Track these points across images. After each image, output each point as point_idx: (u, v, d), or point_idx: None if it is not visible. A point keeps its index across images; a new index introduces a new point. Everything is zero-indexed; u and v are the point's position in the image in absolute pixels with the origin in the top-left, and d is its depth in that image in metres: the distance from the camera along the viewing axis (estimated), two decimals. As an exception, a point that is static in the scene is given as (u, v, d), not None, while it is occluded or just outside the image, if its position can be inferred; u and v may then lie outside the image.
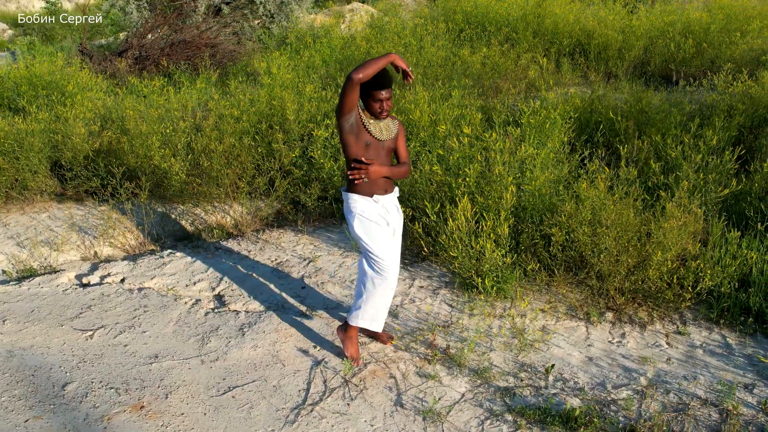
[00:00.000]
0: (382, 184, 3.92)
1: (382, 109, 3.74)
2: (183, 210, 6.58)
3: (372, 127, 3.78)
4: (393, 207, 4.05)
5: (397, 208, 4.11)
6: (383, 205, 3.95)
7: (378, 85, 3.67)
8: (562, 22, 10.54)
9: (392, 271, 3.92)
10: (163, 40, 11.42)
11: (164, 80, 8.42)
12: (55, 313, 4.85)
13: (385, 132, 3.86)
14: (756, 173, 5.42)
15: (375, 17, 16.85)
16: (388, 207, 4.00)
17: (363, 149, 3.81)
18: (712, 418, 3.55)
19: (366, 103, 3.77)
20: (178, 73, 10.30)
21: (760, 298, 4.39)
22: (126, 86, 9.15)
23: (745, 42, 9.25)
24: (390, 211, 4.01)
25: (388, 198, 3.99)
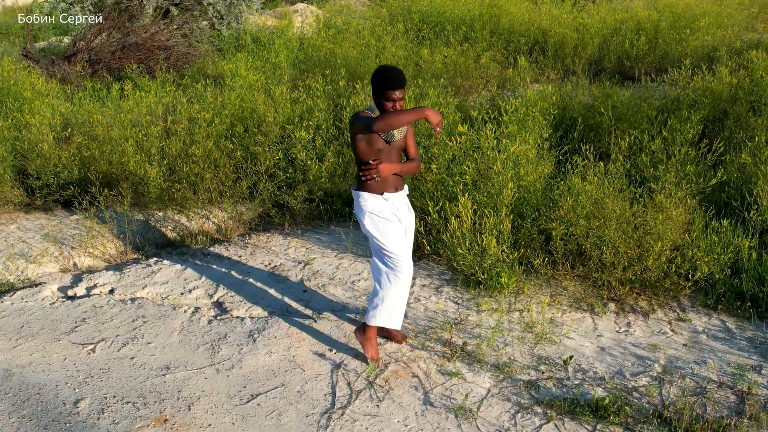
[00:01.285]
0: (392, 182, 3.95)
1: (395, 109, 3.72)
2: (162, 217, 6.41)
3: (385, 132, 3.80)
4: (404, 205, 4.08)
5: (408, 206, 4.14)
6: (393, 202, 3.97)
7: (392, 84, 3.67)
8: (518, 21, 10.75)
9: (406, 267, 3.93)
10: (114, 43, 11.08)
11: (129, 84, 8.16)
12: (48, 328, 4.66)
13: (397, 133, 3.87)
14: (732, 163, 5.66)
15: (321, 18, 16.82)
16: (399, 205, 4.02)
17: (375, 154, 3.86)
18: (730, 399, 3.70)
19: (379, 101, 3.77)
20: (133, 76, 10.01)
21: (753, 283, 4.59)
22: (82, 91, 8.82)
23: (695, 39, 9.64)
24: (400, 208, 4.03)
25: (398, 196, 4.01)
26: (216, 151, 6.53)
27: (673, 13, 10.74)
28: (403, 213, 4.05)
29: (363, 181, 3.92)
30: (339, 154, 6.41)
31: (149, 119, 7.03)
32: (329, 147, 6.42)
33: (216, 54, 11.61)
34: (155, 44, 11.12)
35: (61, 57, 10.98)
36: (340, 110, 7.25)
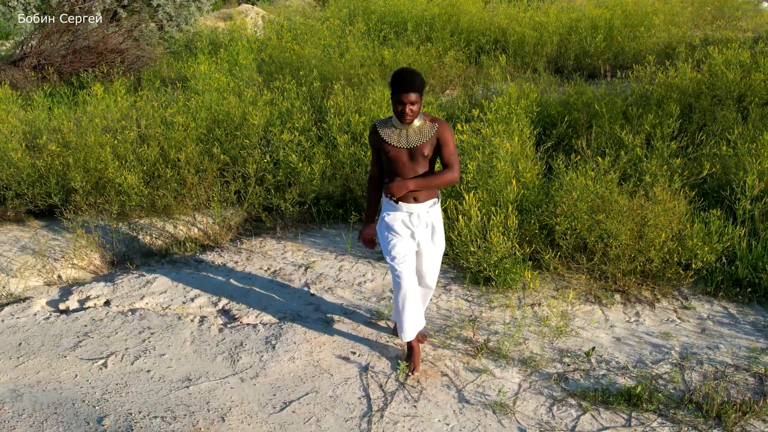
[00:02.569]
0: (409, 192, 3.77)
1: (404, 113, 3.56)
2: (145, 225, 6.21)
3: (392, 138, 3.66)
4: (422, 221, 3.82)
5: (430, 223, 3.85)
6: (408, 212, 3.79)
7: (401, 88, 3.51)
8: (478, 21, 10.90)
9: (403, 282, 3.82)
10: (64, 47, 10.66)
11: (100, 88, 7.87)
12: (49, 344, 4.46)
13: (412, 138, 3.64)
14: (713, 156, 5.89)
15: (266, 19, 16.65)
16: (415, 218, 3.80)
17: (387, 162, 3.75)
18: (749, 382, 3.86)
19: (392, 103, 3.62)
20: (88, 80, 9.67)
21: (749, 270, 4.80)
22: (41, 97, 8.45)
23: (650, 36, 9.99)
24: (416, 224, 3.81)
25: (417, 207, 3.78)
26: (197, 155, 6.38)
27: (624, 11, 11.10)
28: (420, 229, 3.83)
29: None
30: (328, 155, 6.36)
31: (123, 124, 6.81)
32: (314, 148, 6.36)
33: (171, 57, 11.32)
34: (108, 47, 10.76)
35: (7, 62, 10.49)
36: (323, 112, 7.20)
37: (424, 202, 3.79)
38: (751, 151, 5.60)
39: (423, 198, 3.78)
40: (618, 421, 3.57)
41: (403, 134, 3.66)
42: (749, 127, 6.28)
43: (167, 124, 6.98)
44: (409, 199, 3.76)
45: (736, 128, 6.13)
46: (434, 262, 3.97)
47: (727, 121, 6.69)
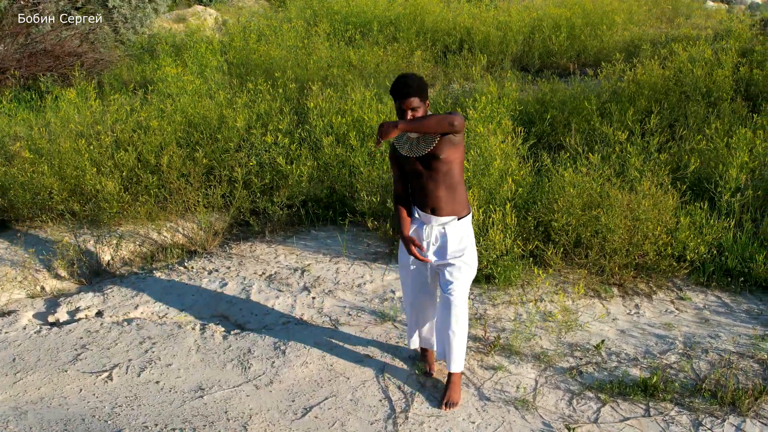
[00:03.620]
0: (422, 198, 3.60)
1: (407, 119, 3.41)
2: (128, 232, 6.03)
3: (404, 149, 3.53)
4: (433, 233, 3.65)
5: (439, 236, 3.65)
6: (421, 222, 3.67)
7: (398, 95, 3.41)
8: (442, 21, 10.96)
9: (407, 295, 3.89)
10: (19, 51, 10.28)
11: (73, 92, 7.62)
12: (46, 359, 4.30)
13: (422, 144, 3.47)
14: (692, 151, 6.07)
15: (219, 20, 16.41)
16: (427, 229, 3.65)
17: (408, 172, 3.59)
18: (755, 368, 3.99)
19: (396, 112, 3.50)
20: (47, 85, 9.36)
21: (738, 261, 4.96)
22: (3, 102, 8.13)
23: (613, 34, 10.23)
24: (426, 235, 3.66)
25: (432, 219, 3.60)
26: (179, 159, 6.24)
27: (583, 9, 11.33)
28: (430, 242, 3.66)
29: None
30: (315, 158, 6.31)
31: (99, 129, 6.61)
32: (300, 150, 6.30)
33: (131, 60, 11.04)
34: (65, 51, 10.43)
35: (-43, 66, 10.05)
36: (302, 114, 7.14)
37: (442, 216, 3.59)
38: (731, 145, 5.79)
39: (443, 212, 3.58)
40: (637, 411, 3.65)
41: (414, 142, 3.50)
42: (725, 122, 6.49)
43: (143, 129, 6.81)
44: (426, 210, 3.60)
45: (712, 123, 6.32)
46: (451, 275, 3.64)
47: (698, 117, 6.91)
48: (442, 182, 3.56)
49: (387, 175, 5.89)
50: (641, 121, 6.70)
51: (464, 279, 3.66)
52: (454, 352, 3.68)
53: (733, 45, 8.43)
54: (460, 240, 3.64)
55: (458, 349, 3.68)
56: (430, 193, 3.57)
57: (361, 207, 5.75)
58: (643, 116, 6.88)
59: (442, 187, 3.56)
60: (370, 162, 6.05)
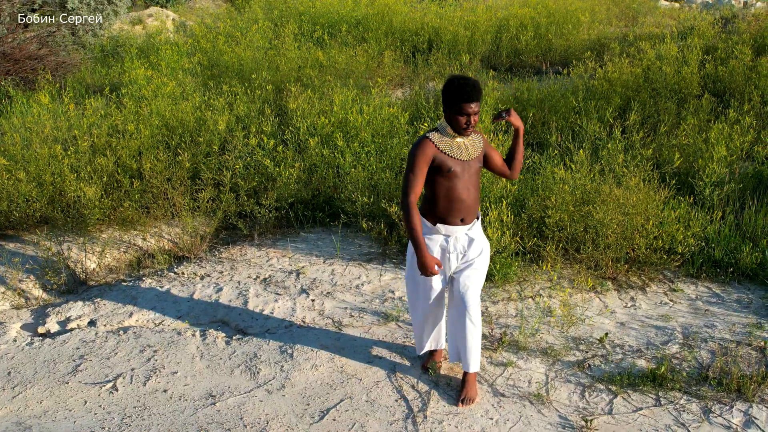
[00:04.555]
0: (457, 209, 3.52)
1: (468, 125, 3.38)
2: (110, 238, 5.89)
3: (455, 151, 3.45)
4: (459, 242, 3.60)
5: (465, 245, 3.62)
6: (446, 235, 3.57)
7: (466, 96, 3.30)
8: (410, 21, 11.01)
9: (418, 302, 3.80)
10: (-25, 54, 9.93)
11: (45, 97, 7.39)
12: (44, 371, 4.17)
13: (471, 149, 3.50)
14: (671, 146, 6.24)
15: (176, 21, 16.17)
16: (452, 240, 3.58)
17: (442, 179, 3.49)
18: (753, 356, 4.12)
19: (450, 116, 3.41)
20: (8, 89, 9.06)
21: (725, 252, 5.11)
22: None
23: (579, 33, 10.42)
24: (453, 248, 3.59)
25: (458, 230, 3.55)
26: (161, 164, 6.12)
27: (547, 8, 11.52)
28: (456, 254, 3.61)
29: (426, 207, 3.62)
30: (303, 159, 6.27)
31: (76, 133, 6.43)
32: (287, 152, 6.25)
33: (93, 63, 10.78)
34: (24, 54, 10.12)
35: None
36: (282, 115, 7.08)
37: (470, 223, 3.58)
38: (709, 140, 5.96)
39: (470, 219, 3.57)
40: (648, 401, 3.73)
41: (462, 146, 3.47)
42: (701, 117, 6.68)
43: (120, 133, 6.66)
44: (456, 221, 3.54)
45: (689, 119, 6.50)
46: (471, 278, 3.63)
47: (671, 113, 7.10)
48: (475, 191, 3.58)
49: (377, 176, 5.89)
50: (616, 119, 6.84)
51: (480, 280, 3.69)
52: (471, 353, 3.70)
53: (697, 43, 8.69)
54: (481, 238, 3.68)
55: (475, 349, 3.70)
56: (464, 201, 3.52)
57: (352, 208, 5.73)
58: (617, 113, 7.03)
59: (474, 193, 3.57)
60: (356, 163, 6.04)
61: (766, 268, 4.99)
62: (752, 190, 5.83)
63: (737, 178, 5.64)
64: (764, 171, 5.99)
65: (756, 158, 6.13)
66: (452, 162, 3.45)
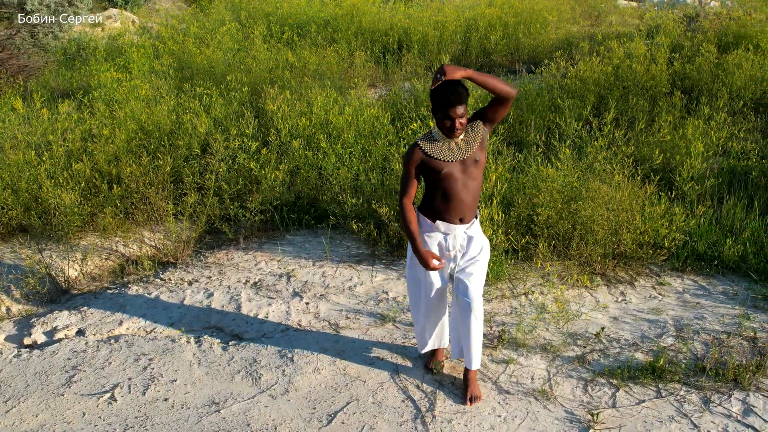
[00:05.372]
0: (453, 207, 3.53)
1: (454, 129, 3.37)
2: (91, 245, 5.76)
3: (444, 153, 3.46)
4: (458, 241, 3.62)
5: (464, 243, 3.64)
6: (445, 233, 3.59)
7: (450, 102, 3.29)
8: (380, 21, 11.02)
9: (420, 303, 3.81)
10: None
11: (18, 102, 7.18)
12: (36, 384, 4.05)
13: (463, 147, 3.48)
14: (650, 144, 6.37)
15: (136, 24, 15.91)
16: (451, 239, 3.60)
17: (436, 182, 3.51)
18: (744, 346, 4.23)
19: (438, 121, 3.41)
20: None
21: (707, 246, 5.24)
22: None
23: (546, 33, 10.56)
24: (452, 246, 3.61)
25: (457, 228, 3.57)
26: (138, 168, 6.01)
27: (513, 8, 11.65)
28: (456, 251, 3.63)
29: (425, 205, 3.62)
30: (289, 162, 6.22)
31: (52, 138, 6.27)
32: (270, 154, 6.20)
33: (57, 66, 10.52)
34: (-16, 57, 9.84)
35: None
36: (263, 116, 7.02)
37: (468, 222, 3.59)
38: (686, 136, 6.11)
39: (468, 218, 3.58)
40: (649, 393, 3.80)
41: (453, 146, 3.47)
42: (675, 114, 6.83)
43: (95, 138, 6.52)
44: (455, 220, 3.55)
45: (664, 116, 6.65)
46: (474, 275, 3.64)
47: (644, 110, 7.25)
48: (473, 187, 3.56)
49: (363, 177, 5.88)
50: (594, 117, 6.95)
51: (482, 277, 3.71)
52: (474, 351, 3.72)
53: (665, 41, 8.88)
54: (481, 236, 3.70)
55: (478, 347, 3.72)
56: (462, 201, 3.53)
57: (340, 210, 5.71)
58: (592, 112, 7.15)
59: (473, 194, 3.57)
60: (340, 164, 6.02)
61: (747, 261, 5.12)
62: (728, 184, 5.99)
63: (717, 173, 5.78)
64: (738, 166, 6.16)
65: (731, 153, 6.30)
66: (443, 164, 3.46)
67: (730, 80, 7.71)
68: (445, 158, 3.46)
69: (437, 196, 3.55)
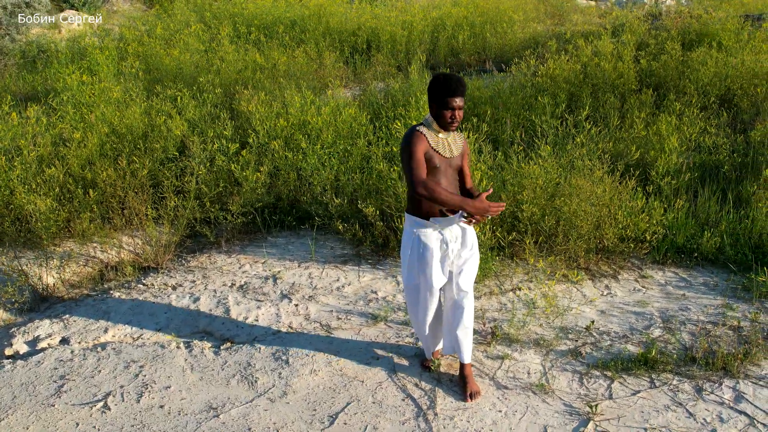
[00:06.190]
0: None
1: (453, 119, 3.44)
2: (67, 252, 5.63)
3: (440, 147, 3.51)
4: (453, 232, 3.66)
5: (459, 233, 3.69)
6: (441, 227, 3.62)
7: (452, 90, 3.37)
8: (348, 22, 11.00)
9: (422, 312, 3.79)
10: None
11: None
12: (24, 395, 3.94)
13: (453, 147, 3.57)
14: (623, 140, 6.49)
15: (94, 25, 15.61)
16: (447, 232, 3.63)
17: (431, 172, 3.51)
18: (729, 335, 4.34)
19: (436, 111, 3.46)
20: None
21: (686, 239, 5.37)
22: None
23: (513, 32, 10.68)
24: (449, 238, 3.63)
25: (456, 217, 3.58)
26: (115, 171, 5.89)
27: (477, 7, 11.75)
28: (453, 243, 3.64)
29: (413, 205, 3.62)
30: (262, 163, 6.16)
31: (22, 143, 6.10)
32: (250, 156, 6.14)
33: (16, 69, 10.25)
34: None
35: None
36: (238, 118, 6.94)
37: (455, 215, 3.58)
38: (660, 132, 6.24)
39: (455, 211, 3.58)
40: (643, 384, 3.87)
41: (446, 143, 3.54)
42: (646, 111, 6.97)
43: (66, 142, 6.37)
44: (445, 212, 3.57)
45: (637, 112, 6.78)
46: (467, 271, 3.72)
47: (615, 107, 7.39)
48: (455, 185, 3.66)
49: (344, 177, 5.86)
50: (569, 114, 7.06)
51: (474, 274, 3.77)
52: (466, 345, 3.77)
53: (630, 39, 9.06)
54: (470, 230, 3.75)
55: (470, 341, 3.79)
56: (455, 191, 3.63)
57: (324, 211, 5.69)
58: (565, 109, 7.25)
59: (454, 189, 3.64)
60: (319, 165, 5.99)
61: (725, 252, 5.25)
62: (700, 178, 6.14)
63: (692, 168, 5.92)
64: (709, 160, 6.31)
65: (703, 148, 6.45)
66: (438, 158, 3.50)
67: (696, 77, 7.90)
68: (440, 152, 3.52)
69: None
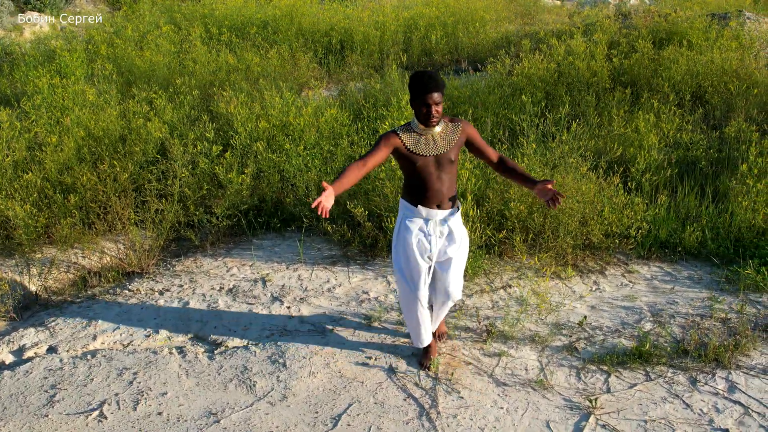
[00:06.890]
0: (433, 195, 3.64)
1: (430, 115, 3.46)
2: (48, 258, 5.51)
3: (420, 147, 3.56)
4: (437, 228, 3.71)
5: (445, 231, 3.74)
6: (426, 218, 3.68)
7: (427, 88, 3.40)
8: (320, 22, 10.96)
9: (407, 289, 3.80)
10: None
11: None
12: (16, 406, 3.84)
13: (439, 144, 3.58)
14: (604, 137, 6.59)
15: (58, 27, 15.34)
16: (432, 224, 3.69)
17: (413, 174, 3.62)
18: (717, 327, 4.43)
19: (416, 107, 3.50)
20: None
21: (669, 234, 5.47)
22: None
23: (485, 32, 10.76)
24: (432, 231, 3.69)
25: (436, 214, 3.67)
26: (95, 176, 5.78)
27: (449, 7, 11.81)
28: (435, 237, 3.70)
29: (405, 191, 3.73)
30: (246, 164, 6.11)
31: (-2, 148, 5.96)
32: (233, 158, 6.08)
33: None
34: None
35: None
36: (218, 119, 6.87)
37: (446, 209, 3.69)
38: (639, 129, 6.34)
39: (446, 206, 3.69)
40: (639, 377, 3.93)
41: (429, 140, 3.57)
42: (625, 108, 7.08)
43: (41, 146, 6.23)
44: (432, 206, 3.66)
45: (613, 110, 6.88)
46: (454, 271, 3.81)
47: (590, 105, 7.49)
48: (447, 179, 3.68)
49: (328, 178, 5.84)
50: (548, 112, 7.14)
51: (462, 268, 3.91)
52: None
53: (602, 38, 9.18)
54: (461, 227, 3.82)
55: None
56: (437, 191, 3.66)
57: (311, 212, 5.66)
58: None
59: (447, 185, 3.69)
60: (303, 166, 5.96)
61: (707, 246, 5.36)
62: (678, 174, 6.25)
63: (672, 164, 6.03)
64: (687, 156, 6.44)
65: (680, 144, 6.58)
66: (417, 158, 3.57)
67: (668, 74, 8.04)
68: (420, 152, 3.57)
69: (414, 184, 3.67)
